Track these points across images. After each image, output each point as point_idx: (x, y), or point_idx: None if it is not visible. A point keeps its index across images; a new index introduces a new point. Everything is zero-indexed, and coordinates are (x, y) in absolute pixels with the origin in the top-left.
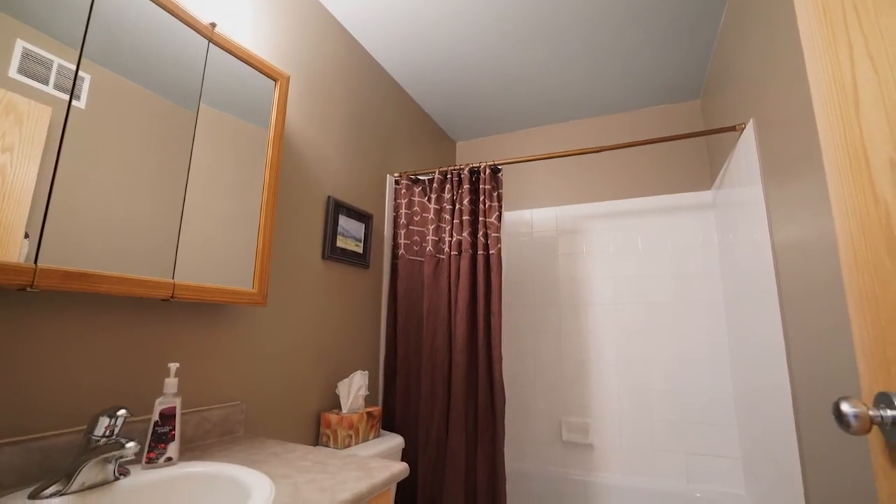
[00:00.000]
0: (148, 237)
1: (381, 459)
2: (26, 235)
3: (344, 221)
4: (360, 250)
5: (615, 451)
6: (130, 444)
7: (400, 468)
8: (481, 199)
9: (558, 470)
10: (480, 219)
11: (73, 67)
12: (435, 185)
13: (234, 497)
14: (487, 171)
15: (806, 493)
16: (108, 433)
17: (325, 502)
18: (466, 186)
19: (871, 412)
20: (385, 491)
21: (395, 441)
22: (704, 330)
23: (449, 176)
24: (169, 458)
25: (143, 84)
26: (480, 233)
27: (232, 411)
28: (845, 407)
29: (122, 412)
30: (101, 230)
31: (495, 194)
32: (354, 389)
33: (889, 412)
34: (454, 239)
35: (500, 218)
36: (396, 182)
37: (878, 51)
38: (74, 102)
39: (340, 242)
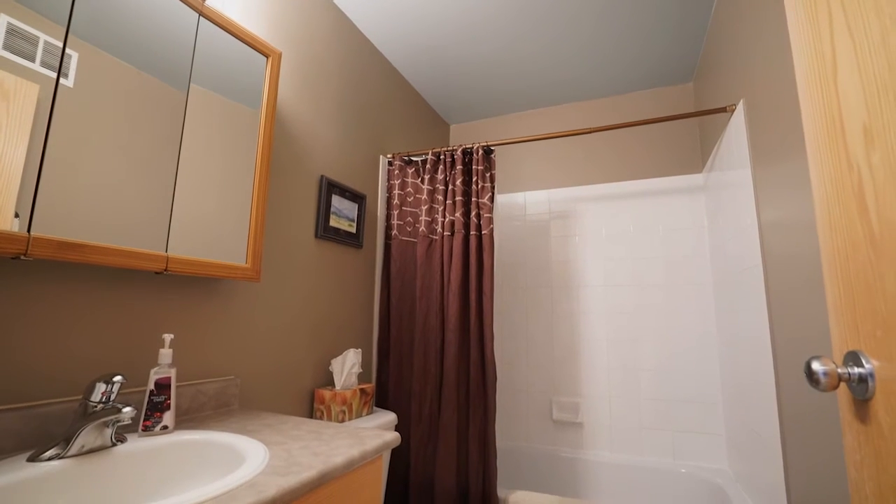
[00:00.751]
0: (140, 213)
1: (373, 429)
2: (16, 215)
3: (337, 201)
4: (354, 230)
5: (604, 429)
6: (127, 409)
7: (391, 437)
8: (474, 179)
9: (549, 448)
10: (473, 199)
11: (60, 44)
12: (428, 166)
13: (230, 462)
14: (480, 151)
15: (785, 463)
16: (104, 399)
17: (319, 465)
18: (459, 167)
19: (839, 370)
20: (377, 458)
21: (388, 417)
22: (693, 311)
23: (442, 157)
24: (165, 427)
25: (133, 62)
26: (473, 213)
27: (227, 385)
28: (816, 365)
29: (118, 378)
30: (93, 206)
31: (488, 175)
32: (348, 367)
33: (856, 369)
34: (447, 219)
35: (492, 199)
36: (389, 163)
37: (856, 20)
38: (62, 80)
39: (334, 222)
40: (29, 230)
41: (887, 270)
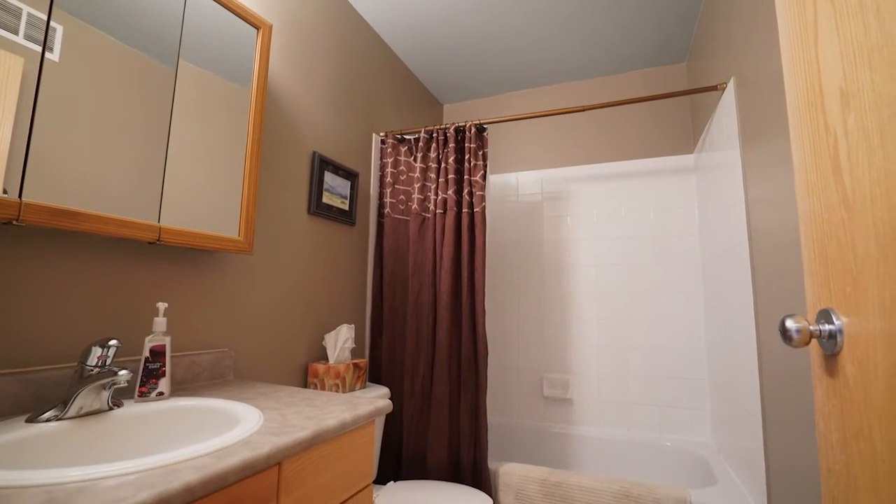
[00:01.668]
0: (132, 186)
1: (366, 397)
2: (4, 192)
3: (330, 178)
4: (346, 207)
5: (593, 405)
6: (123, 372)
7: (383, 404)
8: (466, 157)
9: (539, 424)
10: (465, 177)
11: (45, 17)
12: (421, 144)
13: (225, 424)
14: (473, 129)
15: (764, 434)
16: (100, 363)
17: (312, 426)
18: (452, 145)
19: (811, 327)
20: (369, 423)
21: (381, 391)
22: (682, 290)
23: (434, 135)
24: (160, 393)
25: (119, 37)
26: (465, 191)
27: (221, 357)
28: (789, 323)
29: (113, 342)
30: (83, 179)
31: (480, 153)
32: (341, 342)
33: (827, 326)
34: (439, 197)
35: (484, 177)
36: (382, 141)
37: None
38: (47, 55)
39: (326, 199)
40: (20, 196)
41: (858, 228)
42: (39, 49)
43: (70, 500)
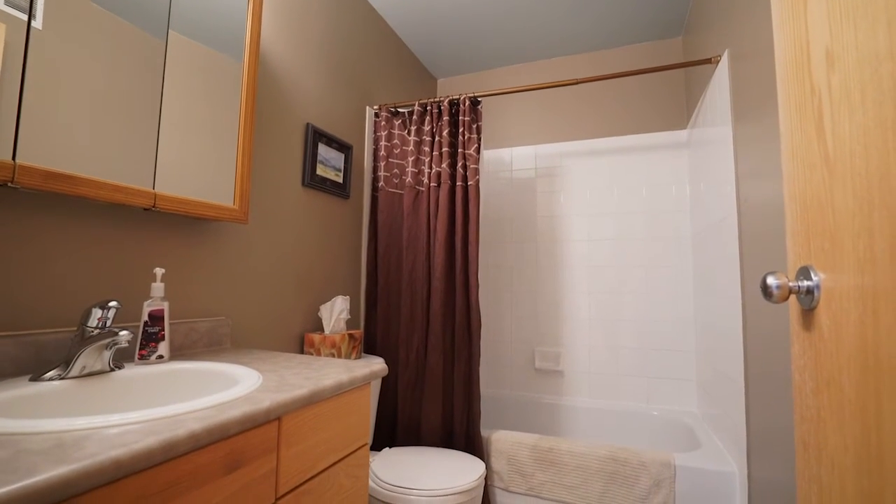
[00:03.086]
0: (125, 154)
1: (362, 361)
2: None
3: (324, 150)
4: (340, 180)
5: (584, 376)
6: (124, 333)
7: (379, 367)
8: (460, 131)
9: (531, 395)
10: (459, 150)
11: None
12: (415, 117)
13: (226, 384)
14: (467, 102)
15: (747, 402)
16: (101, 325)
17: (310, 385)
18: (446, 118)
19: (791, 283)
20: (365, 386)
21: (376, 360)
22: (672, 264)
23: (429, 108)
24: (160, 356)
25: (105, 6)
26: (459, 164)
27: (218, 324)
28: (770, 280)
29: (113, 303)
30: (76, 146)
31: (474, 126)
32: (336, 312)
33: (805, 282)
34: (433, 171)
35: (478, 150)
36: (376, 114)
37: None
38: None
39: (320, 171)
40: (14, 158)
41: (837, 186)
42: (21, 15)
43: (79, 445)
